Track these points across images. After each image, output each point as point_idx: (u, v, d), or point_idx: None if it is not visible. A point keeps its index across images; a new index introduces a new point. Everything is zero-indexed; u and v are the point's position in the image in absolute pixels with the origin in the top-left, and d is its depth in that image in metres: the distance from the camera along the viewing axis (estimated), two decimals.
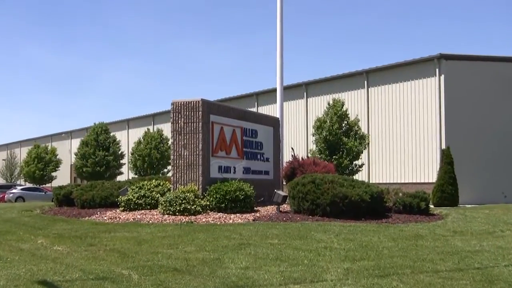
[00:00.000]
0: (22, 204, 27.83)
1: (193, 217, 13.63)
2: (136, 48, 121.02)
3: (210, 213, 14.28)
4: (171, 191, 15.46)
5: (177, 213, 14.01)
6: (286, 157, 21.16)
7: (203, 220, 13.39)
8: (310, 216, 13.63)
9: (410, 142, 30.42)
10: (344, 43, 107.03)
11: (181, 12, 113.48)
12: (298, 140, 36.59)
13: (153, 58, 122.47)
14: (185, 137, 15.61)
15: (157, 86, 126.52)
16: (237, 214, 14.15)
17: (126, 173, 47.48)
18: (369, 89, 33.03)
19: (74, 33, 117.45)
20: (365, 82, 33.16)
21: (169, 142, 32.37)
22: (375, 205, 13.97)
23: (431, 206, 18.45)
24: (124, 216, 14.34)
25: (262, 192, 16.82)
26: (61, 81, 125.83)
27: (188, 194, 14.46)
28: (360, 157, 26.63)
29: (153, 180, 17.02)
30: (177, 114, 15.77)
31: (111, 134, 45.50)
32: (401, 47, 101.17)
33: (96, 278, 6.88)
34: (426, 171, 29.44)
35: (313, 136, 27.06)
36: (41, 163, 51.78)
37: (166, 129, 42.07)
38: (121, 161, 44.95)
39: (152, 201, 15.50)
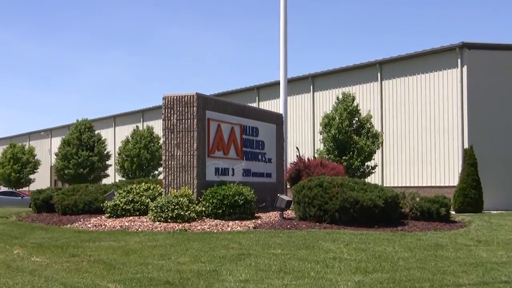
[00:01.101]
0: None
1: (187, 225, 13.67)
2: (124, 36, 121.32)
3: (206, 220, 14.32)
4: (163, 195, 15.48)
5: (169, 220, 14.04)
6: (291, 157, 21.19)
7: (198, 227, 13.43)
8: (317, 223, 13.66)
9: (429, 141, 30.43)
10: (355, 32, 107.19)
11: None
12: (303, 138, 36.65)
13: (143, 48, 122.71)
14: (178, 136, 15.63)
15: (147, 79, 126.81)
16: (236, 221, 14.19)
17: (112, 176, 47.57)
18: (383, 82, 33.06)
19: (54, 19, 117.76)
20: (379, 74, 33.18)
21: (161, 141, 32.36)
22: (389, 211, 13.99)
23: (452, 212, 18.48)
24: (110, 223, 14.38)
25: (264, 196, 16.85)
26: (40, 73, 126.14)
27: (181, 199, 14.49)
28: (373, 157, 26.67)
29: (143, 183, 17.05)
30: (169, 110, 15.79)
31: (96, 132, 45.56)
32: (418, 35, 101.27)
33: None
34: (446, 173, 29.46)
35: (321, 134, 27.10)
36: (18, 164, 51.82)
37: (157, 126, 42.15)
38: (107, 162, 45.03)
39: (142, 207, 15.53)
